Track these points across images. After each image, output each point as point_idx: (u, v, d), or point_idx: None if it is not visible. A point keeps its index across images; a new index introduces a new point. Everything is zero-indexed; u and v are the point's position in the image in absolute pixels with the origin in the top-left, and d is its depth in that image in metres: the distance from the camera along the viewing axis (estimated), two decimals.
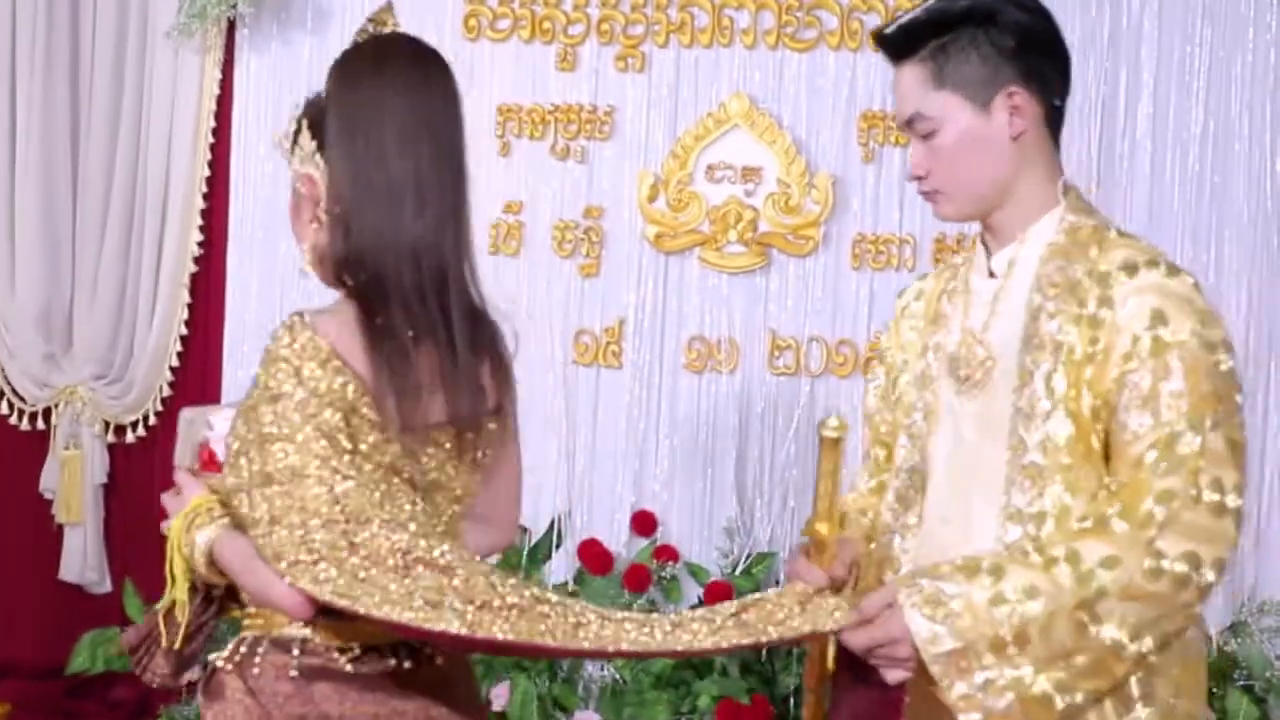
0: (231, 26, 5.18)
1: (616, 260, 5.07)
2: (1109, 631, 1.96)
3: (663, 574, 4.91)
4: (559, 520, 5.05)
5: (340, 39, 5.12)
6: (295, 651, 2.16)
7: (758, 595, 2.10)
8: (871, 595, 2.06)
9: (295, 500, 2.02)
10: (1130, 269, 2.08)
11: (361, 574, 2.00)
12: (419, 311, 2.14)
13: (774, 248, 5.00)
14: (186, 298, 5.21)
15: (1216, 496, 1.99)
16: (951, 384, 2.23)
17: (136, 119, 5.23)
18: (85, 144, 5.27)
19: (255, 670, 2.16)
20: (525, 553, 5.01)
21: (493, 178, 5.10)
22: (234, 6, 5.06)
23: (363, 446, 2.09)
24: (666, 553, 4.92)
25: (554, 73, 5.10)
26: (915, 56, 2.23)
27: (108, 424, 5.29)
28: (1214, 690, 4.68)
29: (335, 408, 2.07)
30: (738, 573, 4.92)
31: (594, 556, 4.92)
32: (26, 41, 5.22)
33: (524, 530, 5.01)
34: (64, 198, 5.28)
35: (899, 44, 2.24)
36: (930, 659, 1.97)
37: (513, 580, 2.07)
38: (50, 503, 5.29)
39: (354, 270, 2.14)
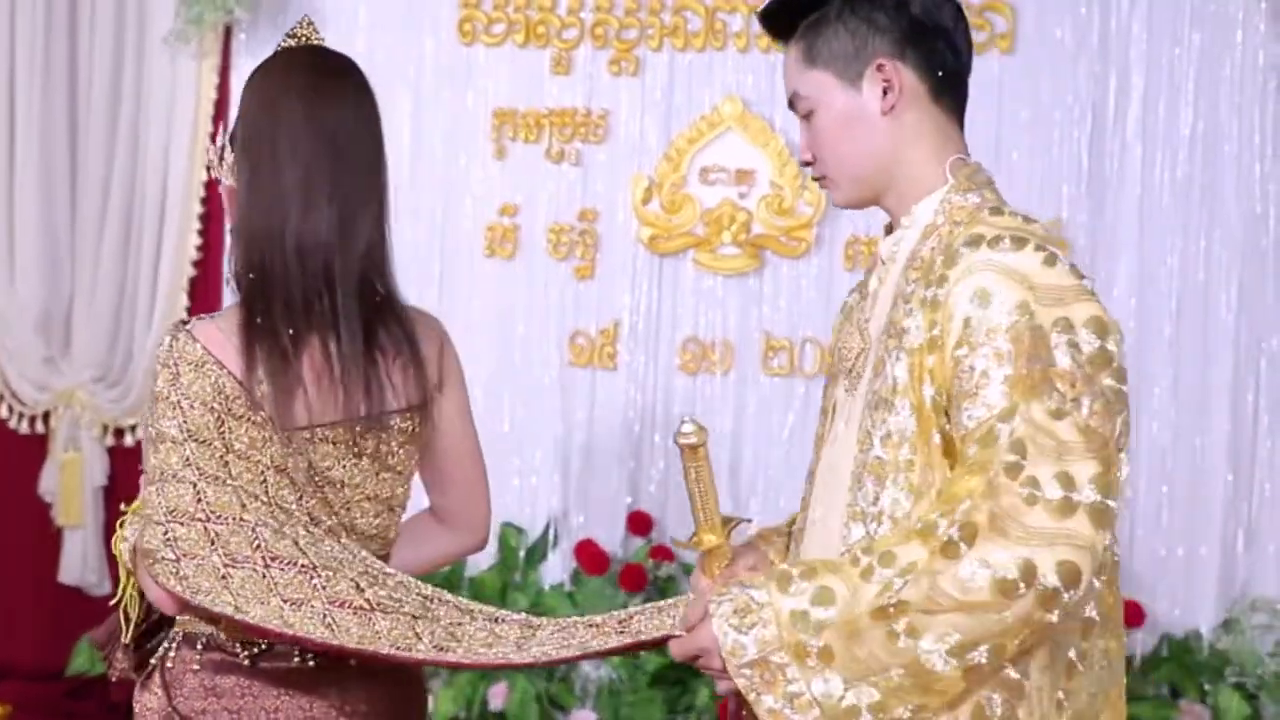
0: (228, 32, 5.21)
1: (611, 263, 5.10)
2: (926, 644, 1.76)
3: (659, 574, 4.94)
4: (555, 521, 5.07)
5: (336, 42, 5.13)
6: (199, 646, 2.24)
7: (650, 605, 2.06)
8: (694, 603, 1.96)
9: (165, 498, 2.12)
10: (974, 244, 1.88)
11: (222, 572, 2.09)
12: (302, 311, 2.18)
13: (767, 250, 5.03)
14: (185, 301, 5.23)
15: (1060, 493, 1.77)
16: (844, 380, 2.09)
17: (134, 124, 5.26)
18: (84, 148, 5.29)
19: (170, 664, 2.25)
20: (522, 554, 5.03)
21: (488, 181, 5.13)
22: (230, 12, 5.08)
23: (238, 445, 2.15)
24: (662, 553, 4.95)
25: (548, 76, 5.13)
26: (794, 36, 2.08)
27: (106, 427, 5.31)
28: (1206, 688, 4.71)
29: (206, 408, 2.14)
30: None
31: (590, 557, 4.94)
32: (25, 47, 5.24)
33: (520, 531, 5.04)
34: (63, 201, 5.30)
35: (778, 24, 2.11)
36: (734, 670, 1.84)
37: (396, 581, 2.14)
38: (50, 505, 5.31)
39: (243, 273, 2.21)
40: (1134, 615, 4.79)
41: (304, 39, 2.34)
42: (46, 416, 5.35)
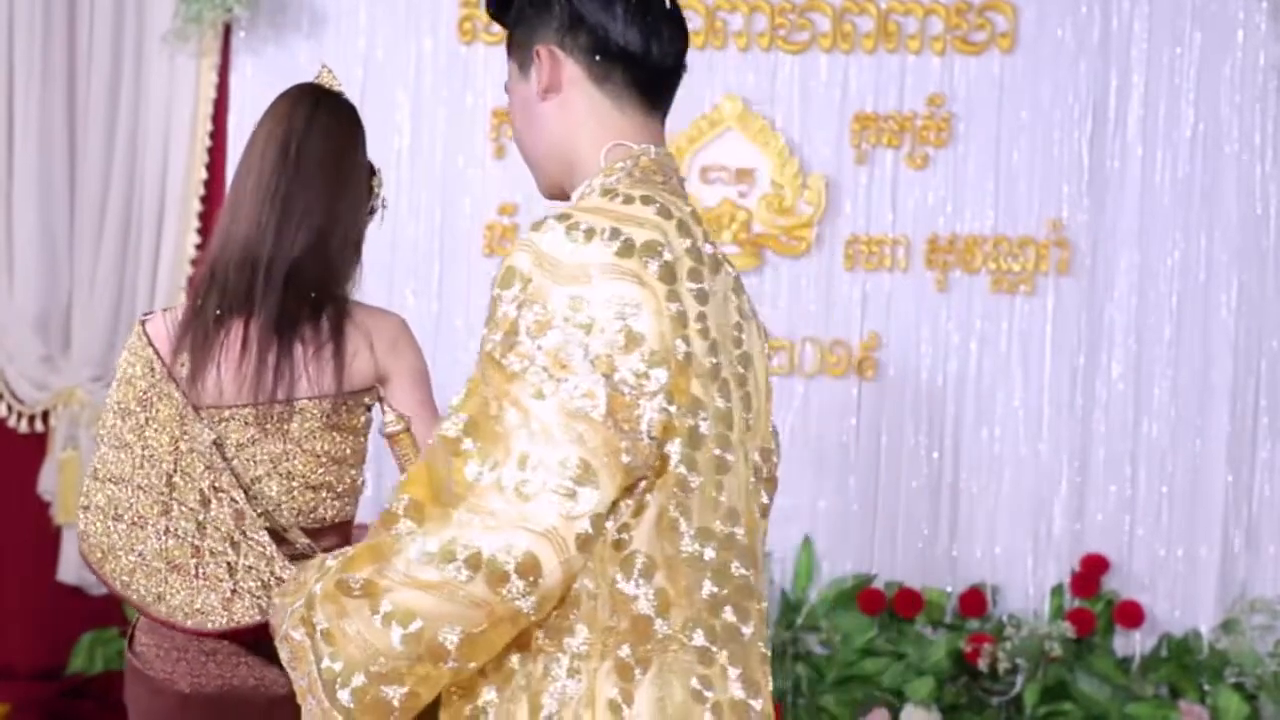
0: (227, 31, 5.20)
1: None
2: (377, 621, 1.67)
3: None
4: None
5: (336, 42, 5.15)
6: (135, 616, 2.49)
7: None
8: None
9: (93, 461, 2.43)
10: (534, 227, 1.75)
11: (108, 525, 2.38)
12: (230, 299, 2.41)
13: (767, 249, 5.03)
14: (184, 300, 5.22)
15: (518, 476, 1.64)
16: None
17: (133, 123, 5.25)
18: (82, 147, 5.29)
19: (136, 620, 2.52)
20: None
21: (487, 180, 5.12)
22: (229, 11, 5.08)
23: (159, 417, 2.38)
24: None
25: None
26: None
27: None
28: (1205, 688, 4.71)
29: (131, 385, 2.40)
30: None
31: None
32: (23, 46, 5.24)
33: None
34: (61, 201, 5.30)
35: (497, 20, 1.99)
36: (278, 644, 1.81)
37: (259, 553, 2.29)
38: (49, 504, 5.31)
39: (202, 268, 2.49)
40: (1133, 615, 4.79)
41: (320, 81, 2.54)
42: (45, 415, 5.34)
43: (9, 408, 5.34)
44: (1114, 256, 4.89)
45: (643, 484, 1.71)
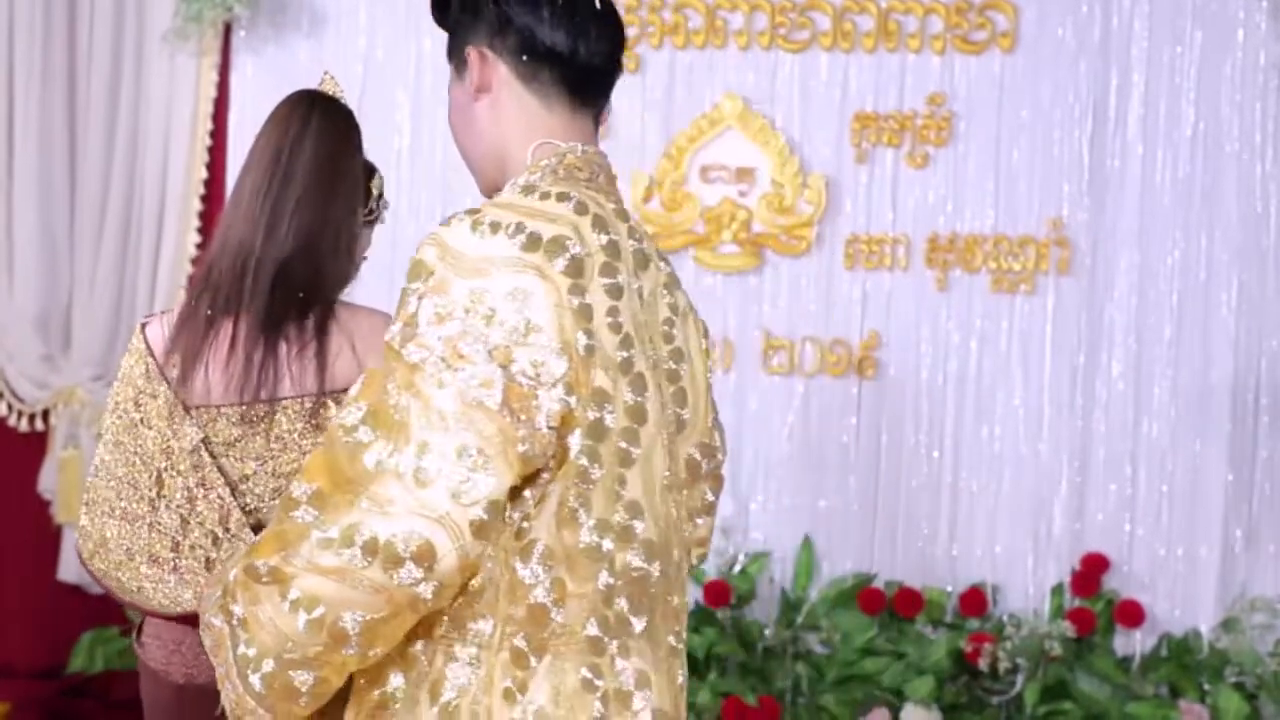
0: (227, 30, 5.20)
1: None
2: (285, 607, 1.70)
3: None
4: None
5: (336, 42, 5.15)
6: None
7: None
8: None
9: (93, 459, 2.51)
10: (442, 223, 1.80)
11: (101, 523, 2.45)
12: (223, 300, 2.45)
13: (768, 248, 5.03)
14: (184, 299, 5.22)
15: (415, 464, 1.67)
16: None
17: (133, 122, 5.25)
18: (82, 146, 5.29)
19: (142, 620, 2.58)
20: None
21: None
22: (230, 10, 5.08)
23: (151, 417, 2.44)
24: None
25: None
26: None
27: None
28: (1205, 687, 4.71)
29: (128, 384, 2.47)
30: (734, 571, 4.94)
31: None
32: (24, 45, 5.24)
33: None
34: (62, 200, 5.30)
35: (439, 25, 2.02)
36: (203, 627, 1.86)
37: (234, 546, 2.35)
38: (49, 503, 5.31)
39: (200, 269, 2.54)
40: (1133, 614, 4.79)
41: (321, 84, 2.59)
42: (46, 414, 5.35)
43: (9, 407, 5.34)
44: (1114, 256, 4.89)
45: (545, 474, 1.73)
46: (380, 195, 2.59)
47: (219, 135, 5.22)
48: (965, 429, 4.94)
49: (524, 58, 1.89)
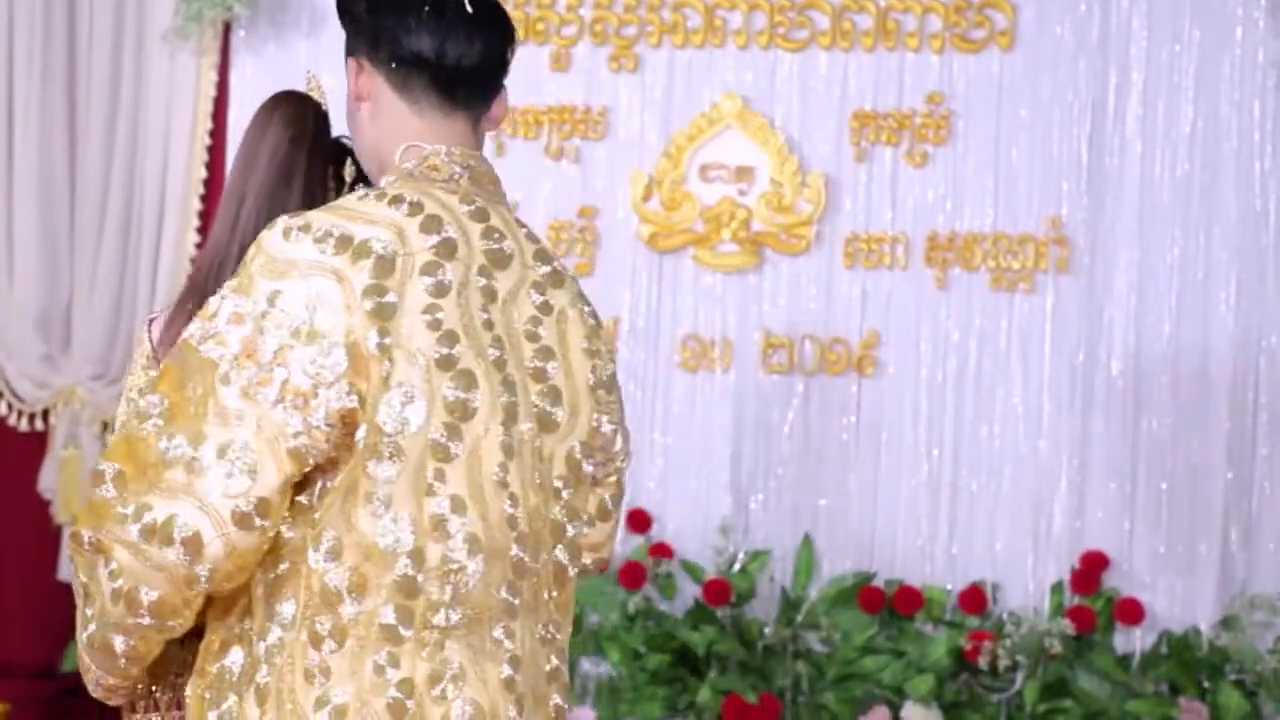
0: (227, 29, 5.20)
1: (611, 260, 5.10)
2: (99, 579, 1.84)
3: (658, 571, 4.94)
4: None
5: (336, 41, 5.13)
6: None
7: None
8: None
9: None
10: (268, 227, 1.91)
11: None
12: (198, 293, 2.45)
13: (767, 247, 5.03)
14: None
15: (190, 453, 1.77)
16: None
17: (133, 121, 5.25)
18: (83, 146, 5.29)
19: None
20: None
21: None
22: (230, 9, 5.08)
23: None
24: (662, 550, 4.95)
25: (548, 73, 5.12)
26: None
27: (106, 424, 5.30)
28: (1205, 685, 4.71)
29: (136, 377, 2.47)
30: (734, 570, 4.94)
31: None
32: (23, 44, 5.24)
33: None
34: (62, 199, 5.30)
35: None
36: None
37: None
38: (49, 503, 5.31)
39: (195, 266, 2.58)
40: (1133, 612, 4.79)
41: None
42: (46, 414, 5.35)
43: (9, 406, 5.34)
44: (1113, 254, 4.89)
45: (343, 468, 1.81)
46: (358, 180, 2.59)
47: (219, 135, 5.22)
48: (965, 427, 4.94)
49: (393, 65, 1.97)
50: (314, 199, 2.48)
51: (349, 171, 2.53)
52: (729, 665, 4.84)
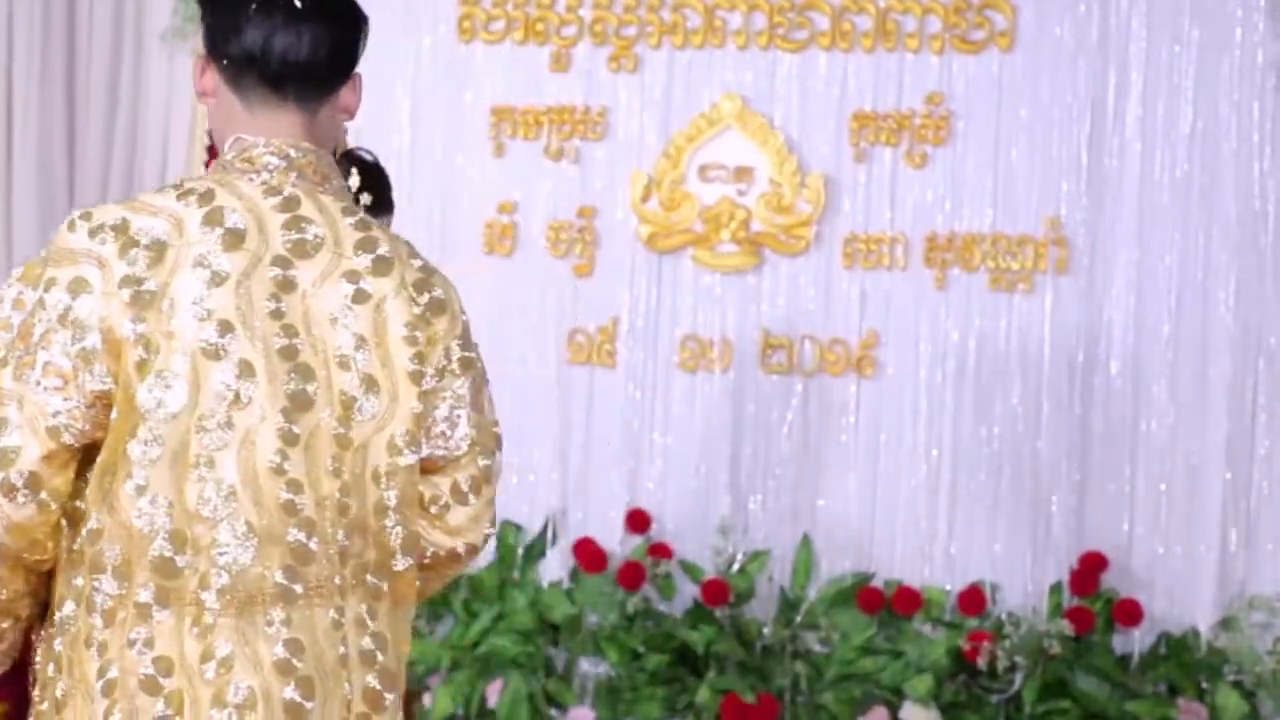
0: None
1: (610, 260, 5.10)
2: None
3: (657, 571, 4.94)
4: (553, 519, 5.07)
5: None
6: None
7: None
8: None
9: None
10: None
11: None
12: None
13: (766, 247, 5.03)
14: None
15: None
16: None
17: (132, 121, 5.26)
18: (82, 145, 5.30)
19: None
20: (520, 551, 5.04)
21: (486, 178, 5.13)
22: None
23: None
24: (661, 550, 4.95)
25: (547, 74, 5.13)
26: None
27: None
28: (1204, 686, 4.72)
29: None
30: (733, 570, 4.95)
31: (589, 555, 4.94)
32: (22, 44, 5.25)
33: (519, 529, 5.04)
34: (61, 198, 5.30)
35: None
36: None
37: None
38: None
39: None
40: (1132, 613, 4.79)
41: None
42: None
43: None
44: (1112, 254, 4.89)
45: (105, 448, 1.89)
46: (363, 189, 2.58)
47: None
48: (964, 428, 4.94)
49: (225, 62, 2.03)
50: None
51: (353, 181, 2.54)
52: (728, 665, 4.85)
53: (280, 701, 1.88)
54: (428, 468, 2.02)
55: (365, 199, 2.52)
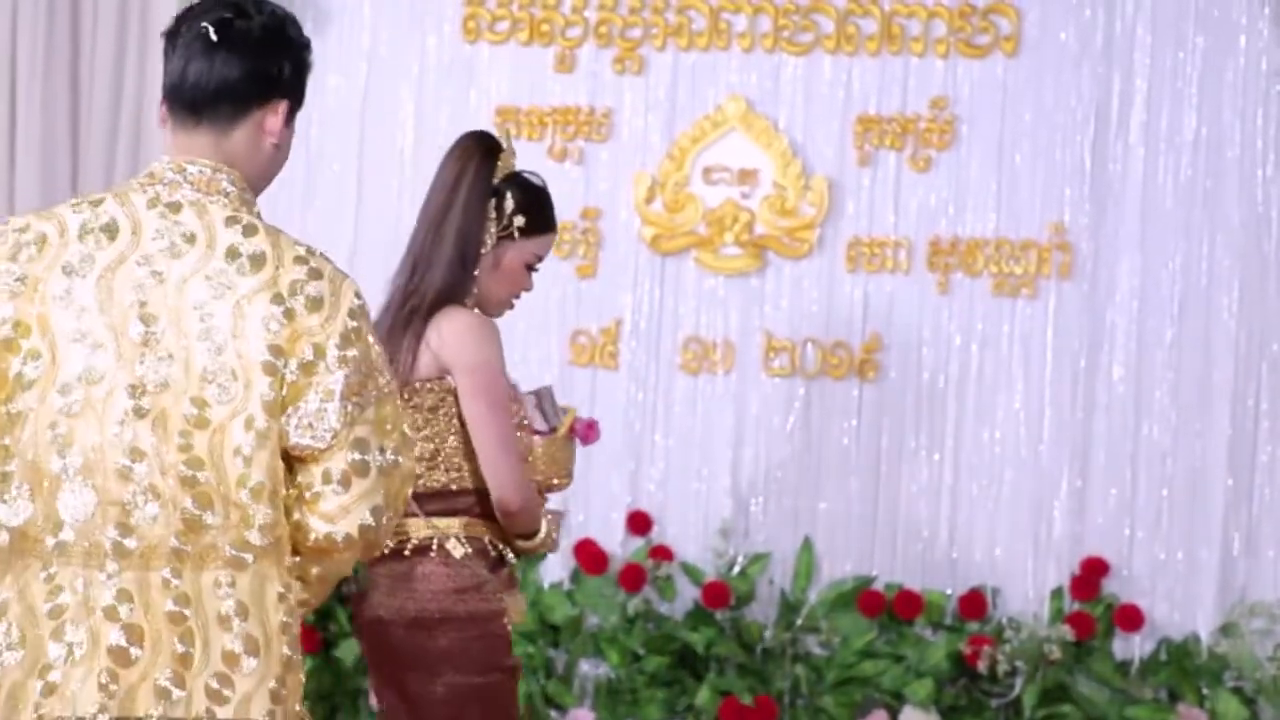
0: None
1: (613, 262, 5.10)
2: None
3: (658, 574, 4.94)
4: None
5: (339, 40, 5.16)
6: None
7: None
8: None
9: None
10: None
11: None
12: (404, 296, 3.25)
13: (770, 250, 5.03)
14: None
15: None
16: None
17: (136, 120, 5.26)
18: (85, 145, 5.30)
19: None
20: None
21: None
22: None
23: None
24: (662, 553, 4.95)
25: (552, 75, 5.13)
26: None
27: None
28: (1204, 691, 4.72)
29: None
30: (733, 573, 4.95)
31: (590, 556, 4.95)
32: (27, 43, 5.25)
33: None
34: (64, 194, 5.29)
35: None
36: None
37: None
38: None
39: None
40: (1133, 618, 4.79)
41: None
42: None
43: None
44: (1116, 260, 4.90)
45: None
46: (520, 210, 3.14)
47: None
48: (966, 432, 4.94)
49: (163, 94, 2.31)
50: (470, 225, 3.13)
51: (508, 205, 3.13)
52: (728, 667, 4.85)
53: (106, 645, 2.08)
54: (301, 456, 2.17)
55: (520, 220, 3.13)
